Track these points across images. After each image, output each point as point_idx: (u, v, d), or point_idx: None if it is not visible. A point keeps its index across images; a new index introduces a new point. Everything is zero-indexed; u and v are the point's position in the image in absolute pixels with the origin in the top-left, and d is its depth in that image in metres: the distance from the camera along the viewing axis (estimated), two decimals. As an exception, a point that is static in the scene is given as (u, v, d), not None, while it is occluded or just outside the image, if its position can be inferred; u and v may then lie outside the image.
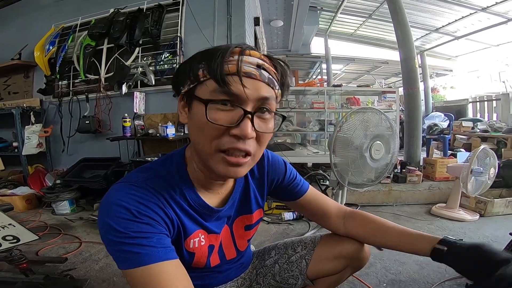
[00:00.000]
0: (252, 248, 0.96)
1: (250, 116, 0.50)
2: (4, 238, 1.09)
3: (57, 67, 3.24)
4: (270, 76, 0.53)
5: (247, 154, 0.53)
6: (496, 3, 5.47)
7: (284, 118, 0.59)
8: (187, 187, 0.60)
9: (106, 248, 0.51)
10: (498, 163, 2.19)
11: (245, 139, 0.51)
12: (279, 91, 0.57)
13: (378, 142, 1.63)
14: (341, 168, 1.68)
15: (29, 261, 1.21)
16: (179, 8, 2.99)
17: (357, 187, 1.77)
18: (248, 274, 0.86)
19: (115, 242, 0.49)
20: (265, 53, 0.57)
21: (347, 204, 1.97)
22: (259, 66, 0.52)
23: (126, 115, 2.72)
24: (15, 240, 1.12)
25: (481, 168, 2.02)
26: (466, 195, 2.19)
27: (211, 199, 0.64)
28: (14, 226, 1.13)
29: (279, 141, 3.74)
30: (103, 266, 1.52)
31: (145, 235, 0.49)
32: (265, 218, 2.21)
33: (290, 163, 0.83)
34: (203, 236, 0.64)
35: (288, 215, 2.19)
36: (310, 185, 0.83)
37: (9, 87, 3.69)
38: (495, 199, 2.19)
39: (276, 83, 0.55)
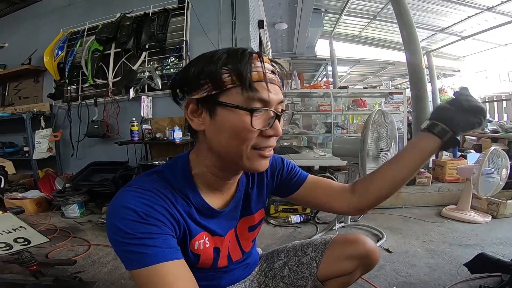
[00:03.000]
0: (260, 251, 0.97)
1: (278, 117, 0.57)
2: (15, 240, 1.11)
3: (66, 72, 3.30)
4: (280, 80, 0.59)
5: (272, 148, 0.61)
6: (502, 3, 5.37)
7: (292, 113, 0.66)
8: (191, 190, 0.62)
9: (114, 249, 0.52)
10: (510, 163, 2.14)
11: (277, 137, 0.58)
12: None
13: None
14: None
15: (39, 263, 1.23)
16: (184, 12, 3.03)
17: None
18: (256, 276, 0.86)
19: (122, 243, 0.50)
20: (270, 57, 0.62)
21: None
22: (273, 72, 0.57)
23: (133, 119, 2.75)
24: (26, 242, 1.13)
25: (493, 169, 1.98)
26: (478, 197, 2.15)
27: (214, 200, 0.66)
28: (25, 229, 1.15)
29: (285, 144, 3.73)
30: (111, 269, 1.53)
31: (151, 236, 0.50)
32: (272, 221, 2.20)
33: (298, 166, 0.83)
34: (207, 238, 0.65)
35: (295, 218, 2.17)
36: (308, 174, 0.83)
37: (19, 92, 3.77)
38: (507, 201, 2.14)
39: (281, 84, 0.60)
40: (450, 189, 2.54)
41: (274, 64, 0.59)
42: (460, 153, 3.96)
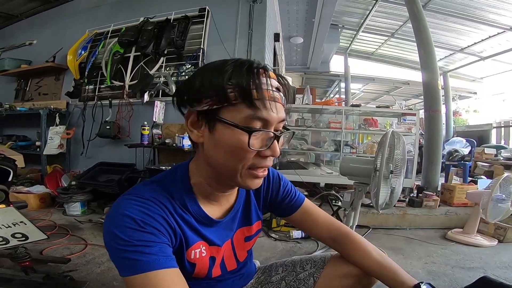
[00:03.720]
0: (258, 263, 0.96)
1: (277, 137, 0.56)
2: (13, 235, 1.11)
3: (86, 72, 3.41)
4: (284, 97, 0.58)
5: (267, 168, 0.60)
6: None
7: (293, 133, 0.64)
8: (190, 199, 0.63)
9: (109, 256, 0.53)
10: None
11: (273, 157, 0.57)
12: None
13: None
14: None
15: (32, 259, 1.22)
16: (203, 20, 3.11)
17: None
18: None
19: (118, 249, 0.50)
20: (275, 71, 0.60)
21: (358, 226, 1.92)
22: (277, 89, 0.56)
23: (145, 123, 2.79)
24: (23, 238, 1.14)
25: (503, 195, 1.96)
26: (485, 221, 2.13)
27: (213, 210, 0.67)
28: (25, 224, 1.16)
29: (292, 159, 3.70)
30: (104, 270, 1.52)
31: (147, 243, 0.51)
32: (272, 235, 2.18)
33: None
34: (204, 248, 0.65)
35: (296, 233, 2.14)
36: (306, 198, 0.84)
37: (40, 88, 3.90)
38: (517, 226, 2.09)
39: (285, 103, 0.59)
40: (457, 212, 2.51)
41: (280, 79, 0.58)
42: (470, 178, 3.85)
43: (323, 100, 4.94)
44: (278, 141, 0.57)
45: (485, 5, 5.01)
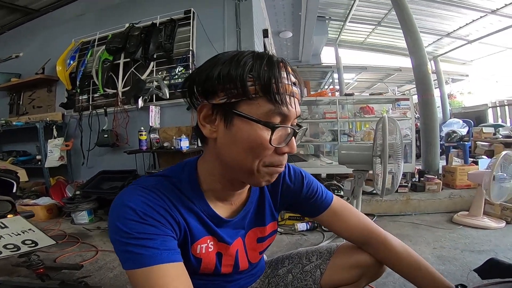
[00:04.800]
0: (265, 257, 0.95)
1: (295, 133, 0.55)
2: (23, 242, 1.15)
3: (77, 82, 3.39)
4: (299, 91, 0.56)
5: None
6: (506, 5, 5.31)
7: (306, 129, 0.62)
8: (198, 197, 0.61)
9: (114, 249, 0.52)
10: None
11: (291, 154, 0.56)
12: None
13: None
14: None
15: (46, 267, 1.26)
16: (190, 22, 3.09)
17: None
18: (259, 283, 0.85)
19: (121, 242, 0.50)
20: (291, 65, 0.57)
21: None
22: (294, 84, 0.54)
23: (142, 128, 2.80)
24: (33, 244, 1.17)
25: (505, 174, 1.94)
26: (491, 203, 2.10)
27: (223, 209, 0.65)
28: (34, 231, 1.19)
29: (292, 152, 3.73)
30: (117, 274, 1.55)
31: (149, 236, 0.50)
32: (277, 229, 2.18)
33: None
34: (211, 243, 0.64)
35: (301, 226, 2.15)
36: (334, 196, 0.79)
37: (33, 101, 3.87)
38: (523, 206, 2.07)
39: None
40: (461, 195, 2.49)
41: (296, 74, 0.56)
42: (471, 159, 3.89)
43: (317, 92, 4.97)
44: (295, 137, 0.55)
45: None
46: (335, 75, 8.63)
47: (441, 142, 4.12)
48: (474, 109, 7.22)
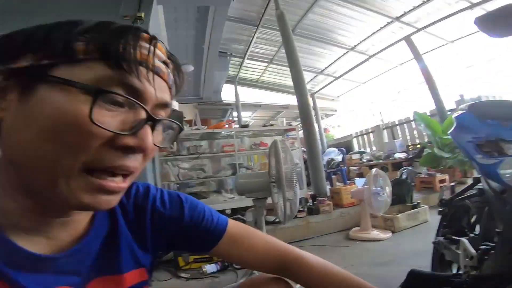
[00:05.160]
0: None
1: (151, 123, 0.35)
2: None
3: None
4: (173, 80, 0.41)
5: (128, 174, 0.36)
6: (360, 42, 6.44)
7: (181, 129, 0.43)
8: None
9: None
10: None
11: (140, 153, 0.35)
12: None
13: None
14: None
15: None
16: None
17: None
18: None
19: None
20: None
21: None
22: (165, 63, 0.39)
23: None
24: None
25: (379, 188, 2.25)
26: (375, 216, 2.38)
27: (33, 243, 0.36)
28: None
29: (193, 190, 3.48)
30: None
31: None
32: (183, 275, 1.89)
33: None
34: None
35: (210, 268, 1.90)
36: (230, 220, 0.59)
37: None
38: (398, 215, 2.42)
39: (173, 90, 0.42)
40: (349, 212, 2.76)
41: (171, 56, 0.41)
42: (349, 181, 4.57)
43: (215, 124, 4.97)
44: (153, 130, 0.36)
45: (336, 28, 5.98)
46: (234, 113, 8.98)
47: (324, 169, 4.70)
48: (343, 140, 8.74)
